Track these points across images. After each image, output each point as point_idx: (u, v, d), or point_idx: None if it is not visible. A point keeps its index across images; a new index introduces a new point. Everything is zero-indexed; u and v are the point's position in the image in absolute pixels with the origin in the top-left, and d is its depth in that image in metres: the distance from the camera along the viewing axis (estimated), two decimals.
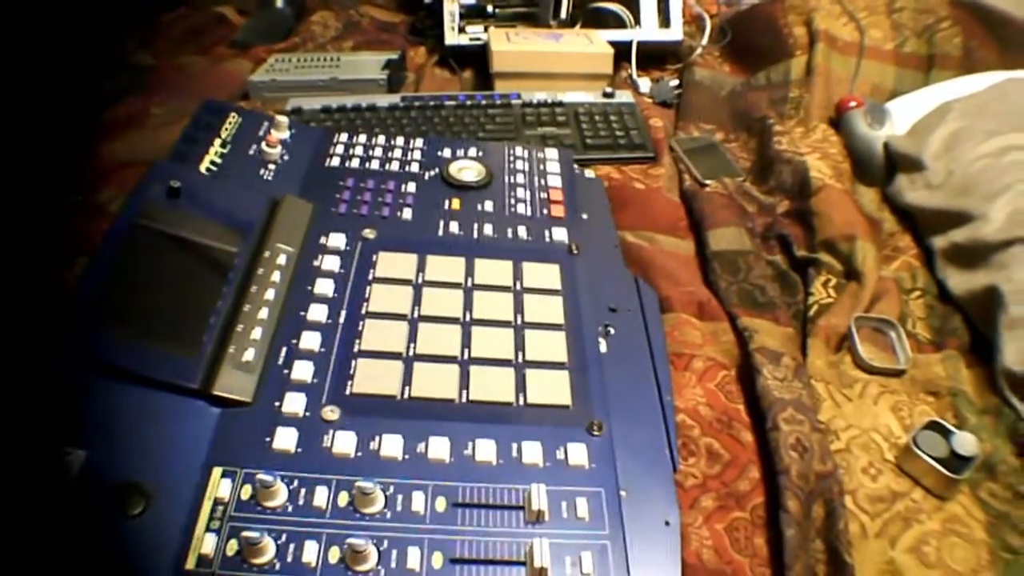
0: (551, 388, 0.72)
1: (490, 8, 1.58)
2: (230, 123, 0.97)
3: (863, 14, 1.44)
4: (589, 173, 1.07)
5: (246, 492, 0.62)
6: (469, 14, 1.57)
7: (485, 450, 0.66)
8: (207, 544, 0.58)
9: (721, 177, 1.16)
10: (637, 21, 1.57)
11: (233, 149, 0.94)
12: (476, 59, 1.52)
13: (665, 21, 1.57)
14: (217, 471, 0.63)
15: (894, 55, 1.40)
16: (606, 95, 1.33)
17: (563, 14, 1.53)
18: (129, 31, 1.71)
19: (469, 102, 1.30)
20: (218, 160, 0.91)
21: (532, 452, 0.66)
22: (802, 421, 0.76)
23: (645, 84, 1.48)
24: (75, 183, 1.17)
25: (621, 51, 1.46)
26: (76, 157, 1.24)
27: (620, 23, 1.57)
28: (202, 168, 0.90)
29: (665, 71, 1.55)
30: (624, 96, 1.34)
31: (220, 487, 0.62)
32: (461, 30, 1.55)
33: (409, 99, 1.30)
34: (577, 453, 0.67)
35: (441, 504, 0.62)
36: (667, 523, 0.65)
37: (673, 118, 1.37)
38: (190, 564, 0.57)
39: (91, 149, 1.26)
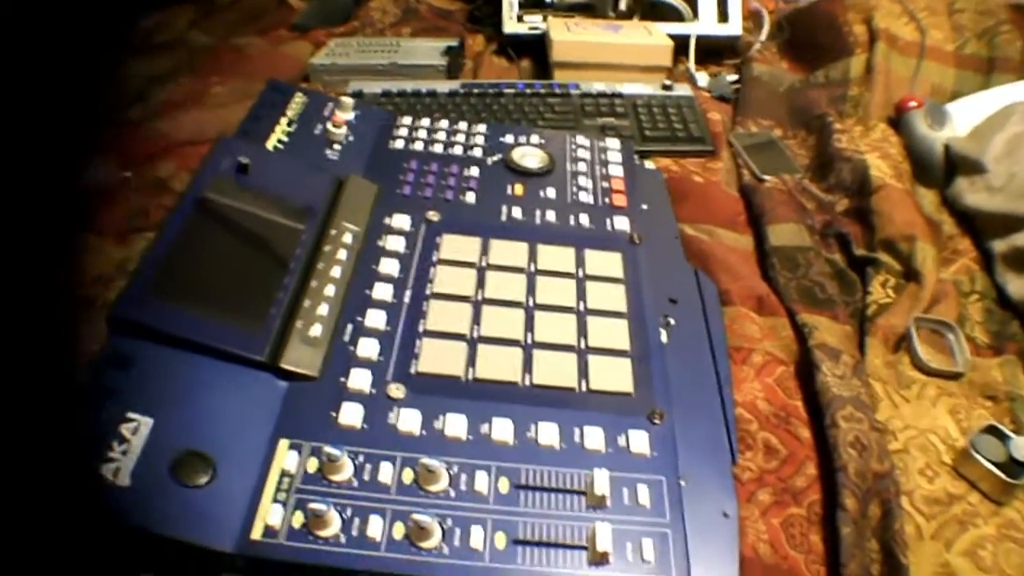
0: (613, 375, 0.72)
1: None
2: (295, 103, 0.98)
3: (924, 14, 1.43)
4: (649, 165, 1.06)
5: (312, 465, 0.62)
6: (527, 3, 1.57)
7: (548, 434, 0.66)
8: (273, 515, 0.59)
9: (780, 173, 1.15)
10: (695, 14, 1.56)
11: (299, 128, 0.95)
12: (534, 48, 1.52)
13: (723, 15, 1.57)
14: (284, 443, 0.63)
15: (954, 56, 1.39)
16: (665, 87, 1.33)
17: (622, 5, 1.53)
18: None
19: (528, 90, 1.30)
20: (284, 139, 0.92)
21: (594, 438, 0.66)
22: (861, 419, 0.76)
23: (702, 78, 1.47)
24: (132, 158, 1.19)
25: (678, 44, 1.45)
26: (131, 134, 1.27)
27: (678, 16, 1.56)
28: (269, 146, 0.91)
29: (723, 66, 1.54)
30: (683, 89, 1.34)
31: (287, 459, 0.62)
32: (519, 19, 1.56)
33: (468, 86, 1.31)
34: (639, 440, 0.67)
35: (504, 485, 0.62)
36: (725, 515, 0.65)
37: (731, 113, 1.37)
38: (256, 534, 0.58)
39: (149, 125, 1.28)
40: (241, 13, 1.73)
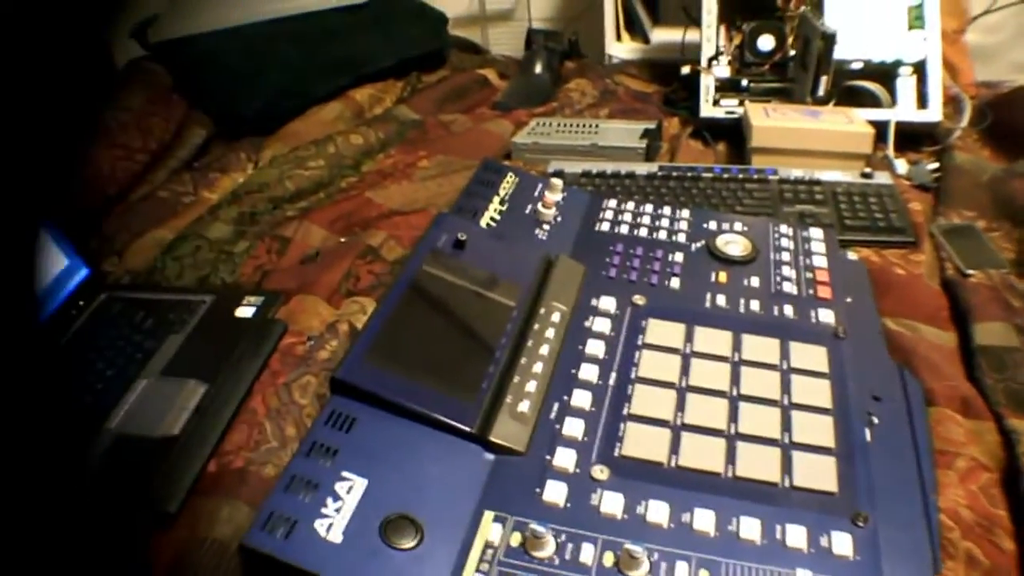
0: (817, 472, 0.71)
1: (744, 82, 1.59)
2: (507, 182, 1.03)
3: None
4: (851, 255, 1.05)
5: (516, 539, 0.64)
6: (724, 87, 1.59)
7: (749, 528, 0.66)
8: None
9: (985, 267, 1.11)
10: (894, 100, 1.54)
11: (511, 207, 1.00)
12: (729, 132, 1.53)
13: (923, 101, 1.54)
14: (489, 515, 0.66)
15: None
16: (864, 175, 1.31)
17: (820, 91, 1.52)
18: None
19: (726, 175, 1.31)
20: (497, 216, 0.97)
21: (797, 536, 0.66)
22: None
23: (901, 166, 1.45)
24: (346, 225, 1.27)
25: (876, 131, 1.43)
26: (346, 202, 1.34)
27: (876, 102, 1.55)
28: (482, 223, 0.95)
29: (921, 153, 1.51)
30: (883, 177, 1.32)
31: (491, 531, 0.65)
32: (716, 103, 1.58)
33: (667, 168, 1.33)
34: (842, 543, 0.66)
35: None
36: None
37: (931, 202, 1.33)
38: None
39: (362, 194, 1.36)
40: (447, 91, 1.82)
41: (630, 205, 1.06)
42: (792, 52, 1.58)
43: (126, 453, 0.83)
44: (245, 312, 1.03)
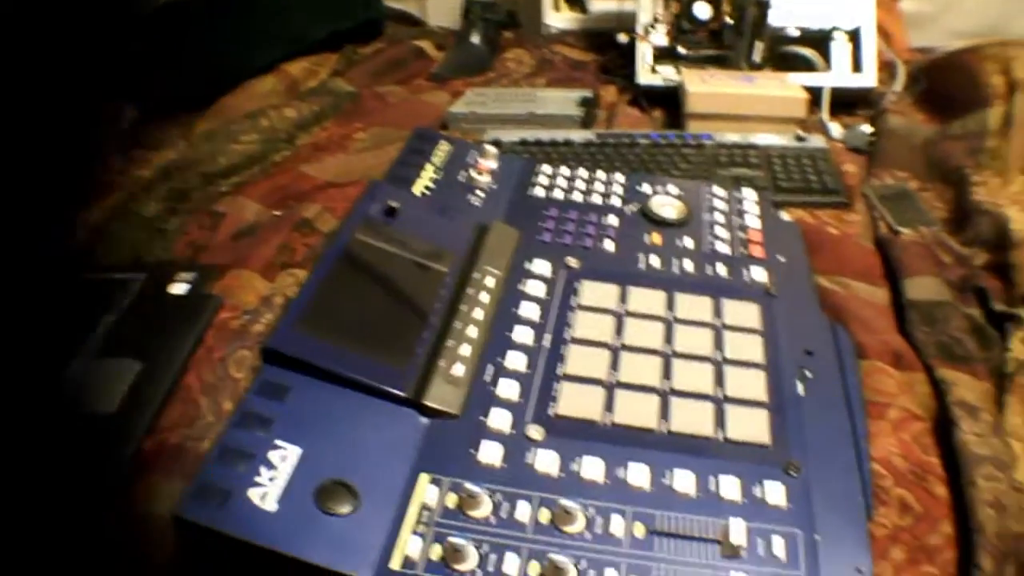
0: (750, 425, 0.72)
1: (681, 49, 1.60)
2: (441, 150, 1.02)
3: None
4: (784, 216, 1.06)
5: (451, 500, 0.64)
6: (660, 55, 1.60)
7: (684, 481, 0.67)
8: (412, 547, 0.60)
9: (916, 226, 1.13)
10: (828, 65, 1.56)
11: (445, 175, 0.99)
12: (666, 99, 1.54)
13: (857, 66, 1.56)
14: (424, 477, 0.65)
15: None
16: (799, 139, 1.33)
17: (755, 57, 1.53)
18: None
19: (662, 141, 1.32)
20: (431, 184, 0.96)
21: (730, 487, 0.66)
22: (1000, 479, 0.74)
23: (836, 129, 1.46)
24: (280, 199, 1.25)
25: (811, 95, 1.44)
26: (280, 176, 1.33)
27: (811, 67, 1.56)
28: (416, 191, 0.95)
29: (856, 117, 1.53)
30: (817, 140, 1.33)
31: (427, 493, 0.64)
32: (652, 70, 1.58)
33: (603, 136, 1.33)
34: (775, 492, 0.66)
35: (639, 530, 0.63)
36: (859, 571, 0.63)
37: (865, 165, 1.35)
38: (395, 564, 0.60)
39: (296, 168, 1.34)
40: (382, 63, 1.81)
41: (564, 170, 1.06)
42: (728, 19, 1.59)
43: (61, 433, 0.81)
44: (179, 289, 1.02)
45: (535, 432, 0.70)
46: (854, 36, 1.57)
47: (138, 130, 1.55)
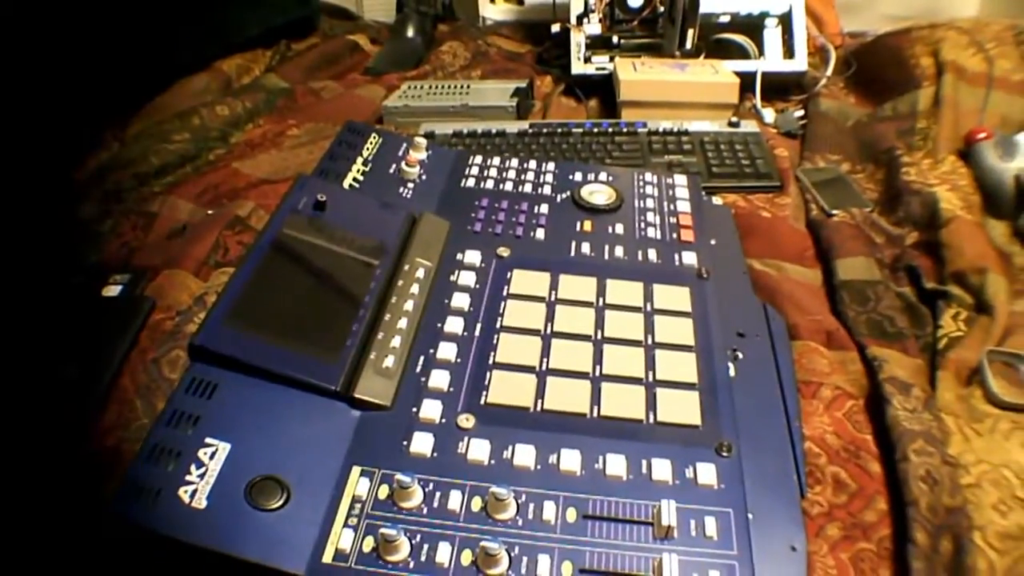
0: (681, 407, 0.73)
1: (615, 39, 1.61)
2: (371, 143, 1.01)
3: (991, 44, 1.42)
4: (716, 200, 1.07)
5: (383, 492, 0.64)
6: (595, 44, 1.60)
7: (615, 465, 0.67)
8: (344, 539, 0.60)
9: (848, 207, 1.15)
10: (761, 52, 1.58)
11: (374, 168, 0.98)
12: (601, 88, 1.55)
13: (789, 52, 1.58)
14: (356, 470, 0.65)
15: (1023, 86, 1.37)
16: (731, 124, 1.34)
17: (688, 45, 1.54)
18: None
19: (596, 129, 1.32)
20: (360, 177, 0.96)
21: (662, 469, 0.67)
22: (932, 453, 0.75)
23: (769, 114, 1.48)
24: (213, 197, 1.24)
25: (745, 81, 1.46)
26: (212, 173, 1.31)
27: (744, 54, 1.58)
28: (345, 184, 0.94)
29: (789, 102, 1.55)
30: (749, 126, 1.35)
31: (358, 485, 0.64)
32: (587, 60, 1.59)
33: (537, 126, 1.34)
34: (706, 473, 0.67)
35: (572, 515, 0.63)
36: (793, 548, 0.64)
37: (798, 148, 1.37)
38: (327, 558, 0.60)
39: (229, 165, 1.32)
40: (316, 58, 1.79)
41: (496, 161, 1.05)
42: (661, 8, 1.60)
43: None
44: (112, 291, 1.00)
45: (466, 421, 0.70)
46: (785, 21, 1.58)
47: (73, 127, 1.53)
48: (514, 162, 1.05)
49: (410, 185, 0.98)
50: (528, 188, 1.01)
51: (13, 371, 0.88)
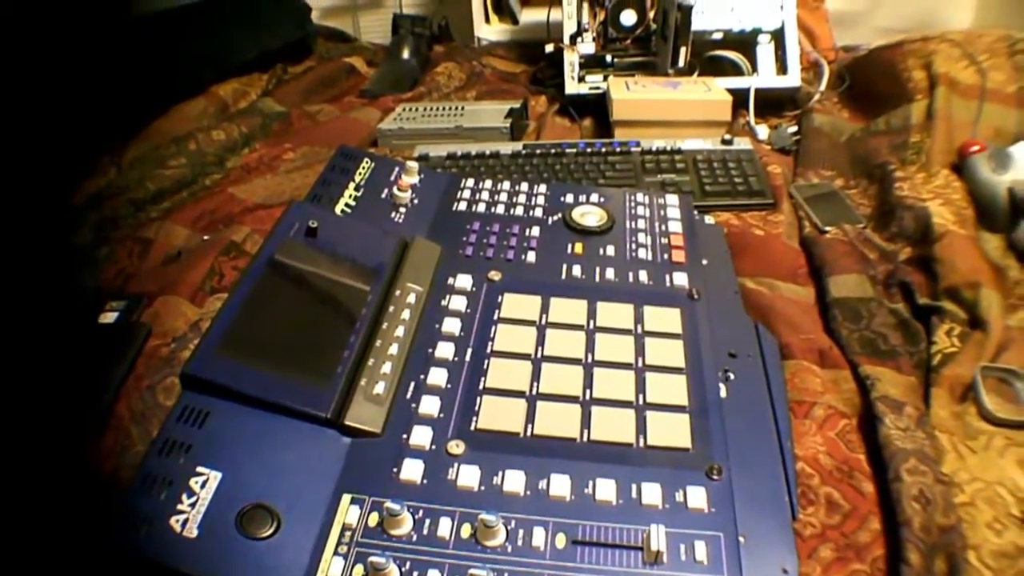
0: (671, 431, 0.72)
1: (609, 58, 1.62)
2: (363, 168, 1.02)
3: (984, 57, 1.42)
4: (709, 219, 1.08)
5: (373, 519, 0.64)
6: (588, 64, 1.61)
7: (605, 489, 0.67)
8: (334, 567, 0.61)
9: (841, 224, 1.15)
10: (754, 68, 1.58)
11: (366, 192, 0.98)
12: (595, 107, 1.55)
13: (782, 68, 1.58)
14: (346, 498, 0.65)
15: (1016, 98, 1.37)
16: (724, 142, 1.34)
17: (681, 63, 1.55)
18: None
19: (589, 149, 1.32)
20: (352, 203, 0.96)
21: (652, 493, 0.67)
22: (925, 472, 0.75)
23: (763, 131, 1.48)
24: (208, 222, 1.24)
25: (738, 98, 1.46)
26: (208, 199, 1.32)
27: (737, 71, 1.58)
28: (337, 210, 0.94)
29: (783, 118, 1.55)
30: (742, 143, 1.35)
31: (348, 513, 0.64)
32: (581, 79, 1.59)
33: (531, 147, 1.34)
34: (696, 496, 0.67)
35: (561, 540, 0.63)
36: (785, 571, 0.64)
37: (792, 165, 1.37)
38: None
39: (225, 190, 1.33)
40: (313, 81, 1.81)
41: (487, 183, 1.06)
42: (654, 26, 1.60)
43: None
44: (109, 318, 1.01)
45: (456, 447, 0.70)
46: (777, 37, 1.59)
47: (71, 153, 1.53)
48: (506, 184, 1.06)
49: (402, 209, 0.98)
50: (520, 211, 1.01)
51: (11, 399, 0.88)
